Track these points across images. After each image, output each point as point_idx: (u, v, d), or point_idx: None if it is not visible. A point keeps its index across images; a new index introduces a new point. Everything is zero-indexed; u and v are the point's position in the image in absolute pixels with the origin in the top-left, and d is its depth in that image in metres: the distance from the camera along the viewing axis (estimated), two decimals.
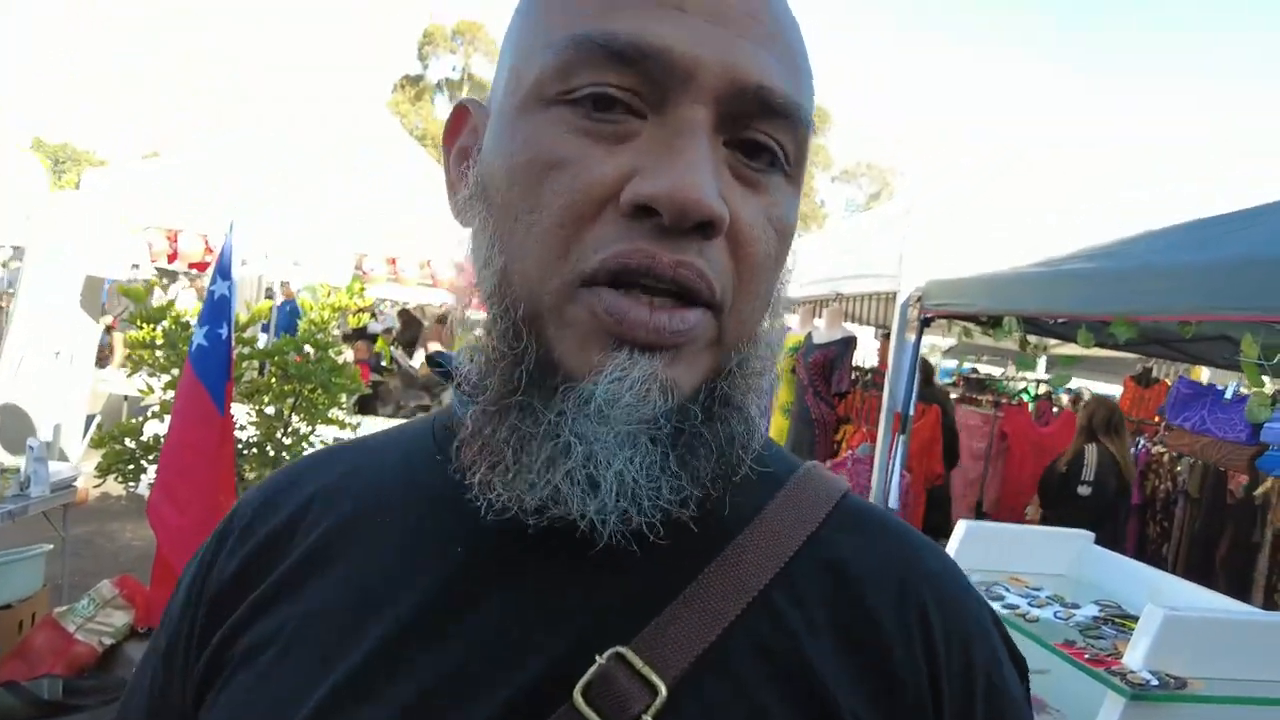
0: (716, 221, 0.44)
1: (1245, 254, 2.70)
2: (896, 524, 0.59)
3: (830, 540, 0.53)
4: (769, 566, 0.50)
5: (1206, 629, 2.09)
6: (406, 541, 0.53)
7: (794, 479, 0.56)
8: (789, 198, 0.50)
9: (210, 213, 5.88)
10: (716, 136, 0.46)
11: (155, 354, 3.60)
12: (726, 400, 0.49)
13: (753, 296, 0.48)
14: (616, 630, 0.47)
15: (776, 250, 0.49)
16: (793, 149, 0.48)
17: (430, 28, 36.55)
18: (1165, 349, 4.92)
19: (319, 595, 0.53)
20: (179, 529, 3.26)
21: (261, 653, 0.52)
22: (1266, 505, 4.90)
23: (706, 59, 0.44)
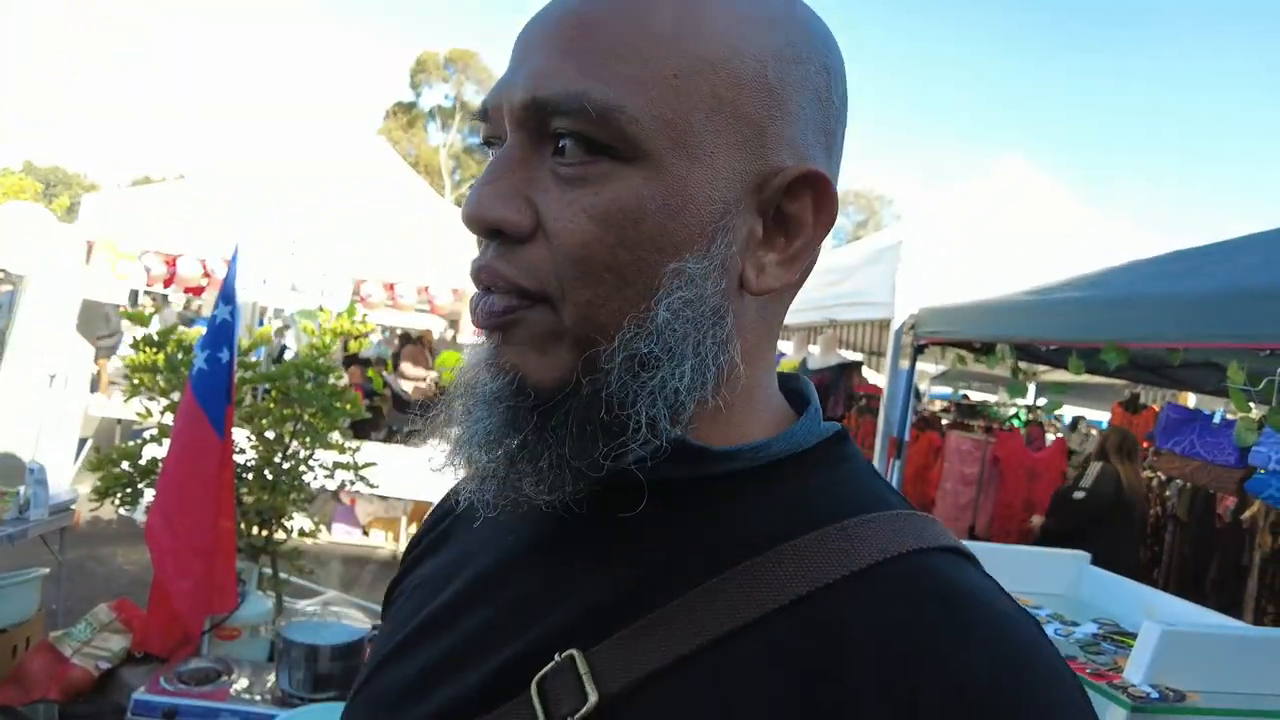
0: (493, 226, 0.50)
1: (1228, 284, 2.78)
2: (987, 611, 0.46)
3: (852, 595, 0.46)
4: (746, 609, 0.46)
5: (1203, 644, 2.14)
6: (487, 526, 0.60)
7: (849, 522, 0.49)
8: (625, 182, 0.48)
9: (209, 238, 5.92)
10: (535, 153, 0.50)
11: (156, 378, 3.61)
12: (592, 398, 0.49)
13: (585, 285, 0.48)
14: (593, 628, 0.49)
15: (600, 235, 0.48)
16: (603, 134, 0.47)
17: (423, 56, 36.87)
18: (1154, 375, 5.01)
19: (433, 564, 0.65)
20: (174, 552, 3.25)
21: (400, 599, 0.66)
22: (1254, 528, 4.96)
23: (503, 95, 0.51)
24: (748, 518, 0.51)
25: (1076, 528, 4.58)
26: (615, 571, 0.51)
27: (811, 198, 0.53)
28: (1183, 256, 3.41)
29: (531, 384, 0.50)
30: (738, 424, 0.55)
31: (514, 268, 0.50)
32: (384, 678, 0.58)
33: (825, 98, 0.54)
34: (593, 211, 0.48)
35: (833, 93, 0.54)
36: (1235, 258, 3.05)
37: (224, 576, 3.26)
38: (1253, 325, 2.54)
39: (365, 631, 3.13)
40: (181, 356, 3.61)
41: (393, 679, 0.57)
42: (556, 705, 0.47)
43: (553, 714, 0.47)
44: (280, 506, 3.69)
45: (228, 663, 3.12)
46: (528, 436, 0.50)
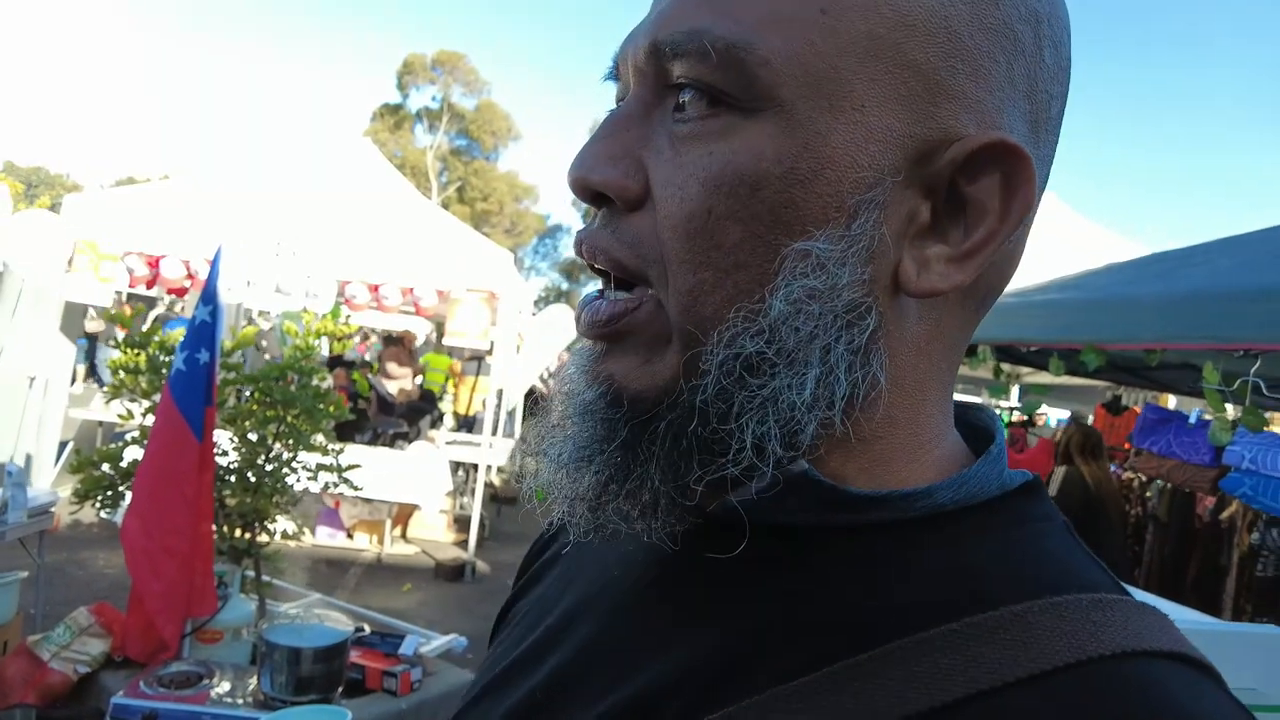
0: (597, 189, 0.43)
1: (1202, 287, 2.83)
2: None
3: (1027, 707, 0.34)
4: (894, 703, 0.35)
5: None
6: (591, 553, 0.55)
7: (1027, 607, 0.37)
8: (744, 137, 0.40)
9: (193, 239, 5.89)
10: (656, 109, 0.44)
11: (138, 379, 3.59)
12: (689, 409, 0.41)
13: (692, 266, 0.40)
14: (690, 695, 0.41)
15: (709, 204, 0.40)
16: (723, 80, 0.40)
17: (410, 57, 36.77)
18: (1133, 377, 5.07)
19: (543, 589, 0.60)
20: (147, 553, 3.23)
21: (509, 623, 0.62)
22: (1233, 527, 5.02)
23: (628, 49, 0.45)
24: (895, 585, 0.40)
25: None
26: (725, 630, 0.42)
27: (1001, 177, 0.41)
28: (1159, 259, 3.46)
29: (630, 394, 0.43)
30: (888, 463, 0.43)
31: (618, 240, 0.43)
32: (485, 707, 0.53)
33: (1032, 53, 0.42)
34: (704, 176, 0.40)
35: (1043, 48, 0.42)
36: (1210, 261, 3.10)
37: (203, 580, 3.24)
38: (1226, 327, 2.59)
39: (348, 634, 3.11)
40: (164, 358, 3.59)
41: (491, 711, 0.52)
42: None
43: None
44: (263, 509, 3.67)
45: (209, 666, 3.10)
46: (617, 452, 0.43)
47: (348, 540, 6.94)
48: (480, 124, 36.99)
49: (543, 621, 0.54)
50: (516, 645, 0.55)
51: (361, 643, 3.37)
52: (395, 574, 6.46)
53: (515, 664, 0.53)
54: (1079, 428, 5.20)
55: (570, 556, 0.59)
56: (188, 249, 5.92)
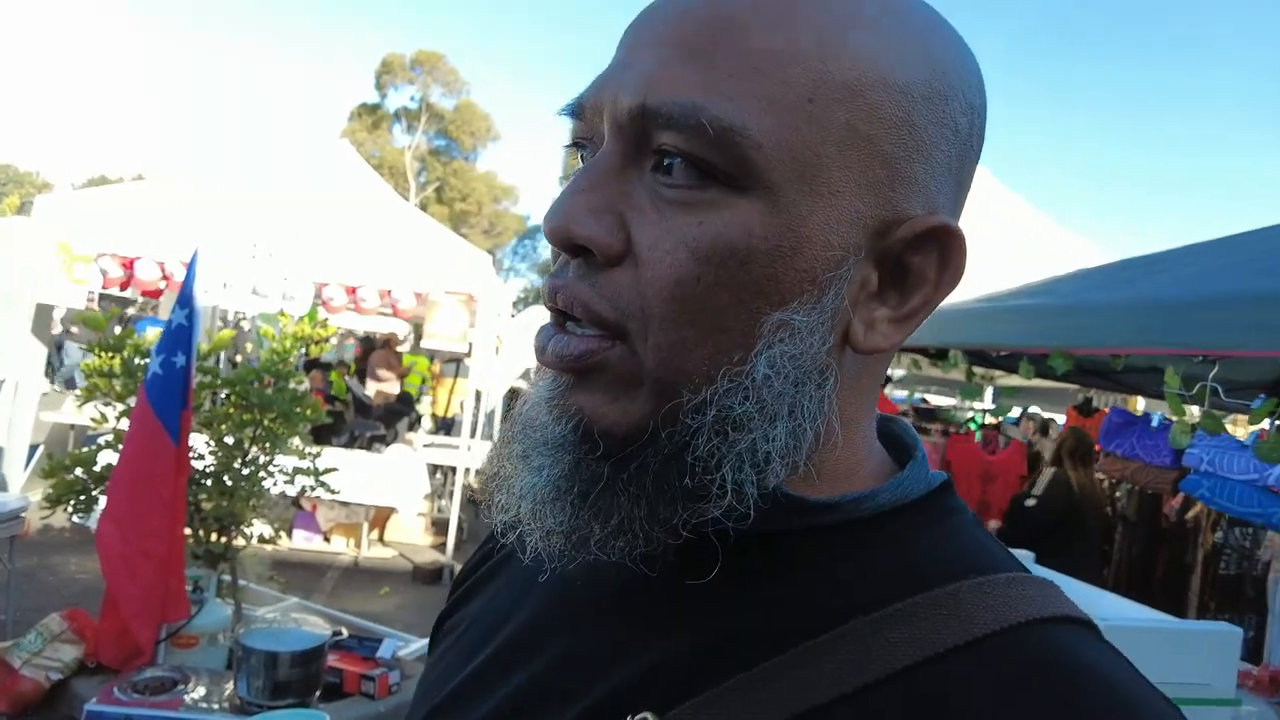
0: (580, 244, 0.44)
1: (1165, 294, 2.91)
2: (1117, 691, 0.40)
3: (960, 674, 0.40)
4: (841, 682, 0.41)
5: (1134, 638, 2.24)
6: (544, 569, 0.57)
7: (959, 586, 0.44)
8: (735, 214, 0.43)
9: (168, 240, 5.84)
10: (632, 165, 0.45)
11: (112, 383, 3.57)
12: (666, 455, 0.44)
13: (672, 324, 0.43)
14: (665, 690, 0.44)
15: (698, 273, 0.43)
16: (717, 158, 0.42)
17: (389, 57, 36.54)
18: (1101, 380, 5.17)
19: (489, 599, 0.61)
20: (124, 558, 3.21)
21: (449, 635, 0.62)
22: (1197, 528, 5.14)
23: (604, 94, 0.45)
24: (848, 576, 0.46)
25: (1030, 535, 4.67)
26: (693, 629, 0.46)
27: (939, 252, 0.46)
28: (1125, 267, 3.55)
29: (600, 431, 0.45)
30: (834, 480, 0.49)
31: (596, 294, 0.44)
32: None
33: (965, 140, 0.47)
34: (694, 244, 0.43)
35: (974, 135, 0.48)
36: (1172, 269, 3.18)
37: (177, 584, 3.23)
38: (1187, 332, 2.66)
39: (324, 638, 3.11)
40: (139, 361, 3.57)
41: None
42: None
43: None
44: (239, 513, 3.66)
45: (184, 671, 3.09)
46: (597, 492, 0.45)
47: (324, 543, 6.91)
48: (459, 124, 36.84)
49: (496, 635, 0.55)
50: (467, 660, 0.55)
51: (339, 646, 3.37)
52: (373, 577, 6.43)
53: (471, 679, 0.54)
54: (1074, 433, 5.32)
55: (515, 570, 0.59)
56: (163, 250, 5.87)
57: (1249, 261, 3.02)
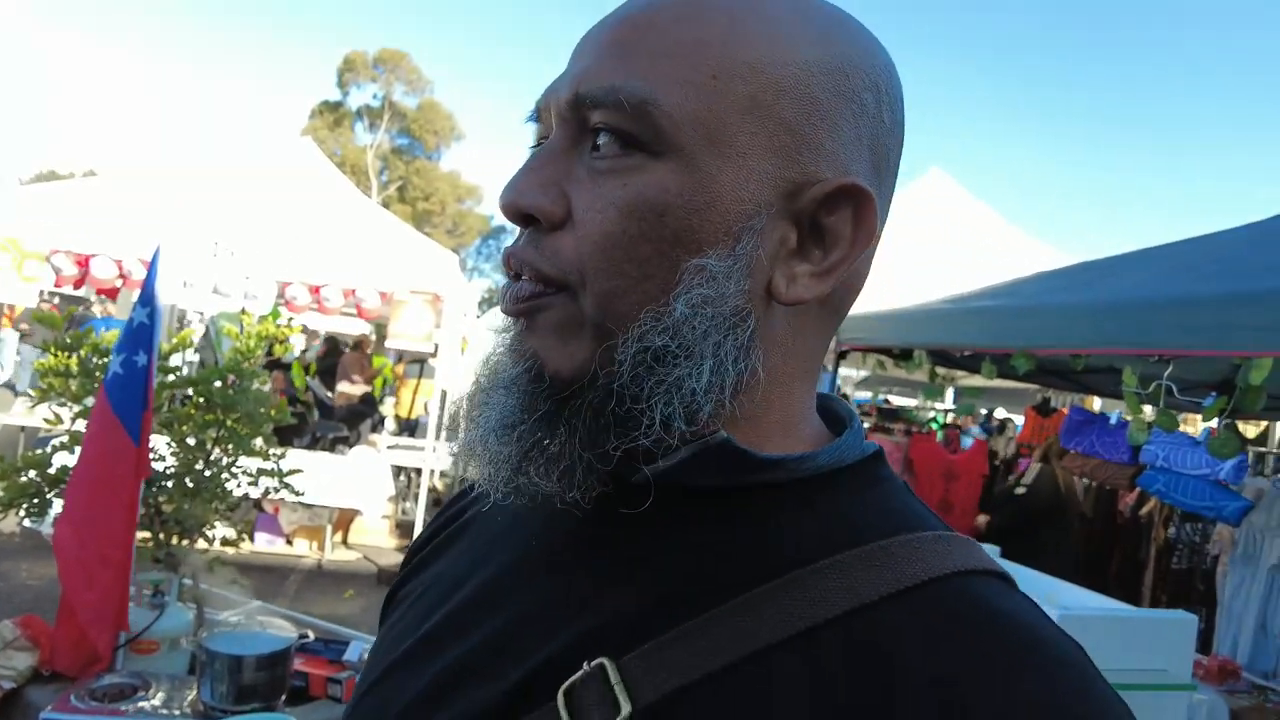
0: (525, 212, 0.51)
1: (1122, 295, 2.99)
2: (1032, 634, 0.45)
3: (891, 620, 0.44)
4: (786, 625, 0.45)
5: (1095, 626, 2.31)
6: (506, 528, 0.61)
7: (890, 541, 0.48)
8: (654, 175, 0.49)
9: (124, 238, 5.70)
10: (574, 149, 0.52)
11: (68, 382, 3.47)
12: (606, 391, 0.49)
13: (604, 275, 0.49)
14: (620, 637, 0.48)
15: (624, 227, 0.49)
16: (635, 128, 0.49)
17: (351, 55, 36.02)
18: (1061, 380, 5.30)
19: (445, 564, 0.64)
20: (81, 562, 3.13)
21: (404, 602, 0.65)
22: (1151, 524, 5.29)
23: (551, 98, 0.54)
24: (789, 529, 0.50)
25: (1018, 524, 4.88)
26: (645, 579, 0.50)
27: (851, 211, 0.51)
28: (1084, 269, 3.64)
29: (550, 371, 0.51)
30: (768, 437, 0.53)
31: (541, 255, 0.51)
32: (392, 686, 0.56)
33: (874, 114, 0.53)
34: (620, 203, 0.49)
35: (882, 110, 0.53)
36: (1129, 271, 3.27)
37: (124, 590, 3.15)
38: (1143, 333, 2.74)
39: (290, 641, 3.06)
40: (97, 361, 3.48)
41: (403, 687, 0.55)
42: (585, 716, 0.46)
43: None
44: (201, 515, 3.58)
45: (145, 678, 3.02)
46: (539, 422, 0.50)
47: (287, 546, 6.80)
48: (422, 123, 36.47)
49: (452, 596, 0.58)
50: (422, 621, 0.58)
51: (305, 649, 3.32)
52: (336, 580, 6.34)
53: (427, 639, 0.57)
54: (1056, 436, 5.61)
55: (474, 536, 0.64)
56: (120, 248, 5.73)
57: (1202, 265, 3.12)
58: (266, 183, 6.66)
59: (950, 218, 6.31)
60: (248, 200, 6.32)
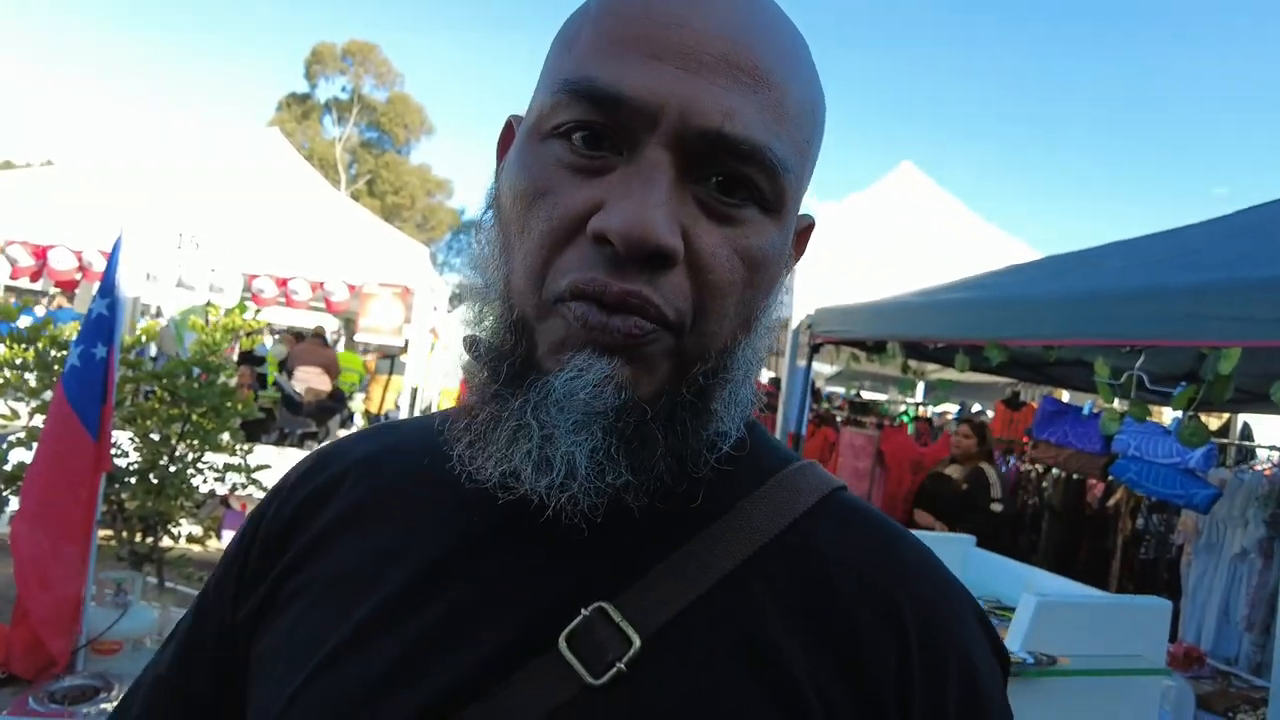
0: (665, 253, 0.49)
1: (1094, 287, 3.02)
2: (881, 520, 0.62)
3: (810, 530, 0.58)
4: (741, 549, 0.55)
5: (1072, 612, 2.34)
6: (421, 512, 0.60)
7: (783, 474, 0.61)
8: (766, 231, 0.53)
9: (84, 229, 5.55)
10: (683, 174, 0.50)
11: (25, 376, 3.37)
12: (690, 407, 0.53)
13: (717, 318, 0.52)
14: (601, 588, 0.53)
15: (744, 277, 0.52)
16: (766, 186, 0.52)
17: (319, 47, 35.48)
18: (1032, 372, 5.36)
19: (346, 554, 0.61)
20: (35, 561, 3.04)
21: (299, 600, 0.60)
22: (1118, 515, 5.38)
23: (669, 105, 0.49)
24: (723, 475, 0.57)
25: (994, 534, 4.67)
26: (606, 545, 0.55)
27: (798, 239, 0.61)
28: (1056, 261, 3.68)
29: (639, 396, 0.51)
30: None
31: (661, 296, 0.50)
32: (337, 676, 0.54)
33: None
34: (743, 253, 0.52)
35: None
36: (1100, 263, 3.31)
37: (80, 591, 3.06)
38: (1115, 324, 2.77)
39: None
40: (55, 354, 3.38)
41: (355, 674, 0.53)
42: (597, 654, 0.50)
43: (593, 664, 0.50)
44: (167, 512, 3.50)
45: (107, 679, 2.94)
46: (621, 440, 0.51)
47: None
48: (392, 116, 36.05)
49: (384, 581, 0.57)
50: (345, 615, 0.56)
51: None
52: None
53: (370, 623, 0.55)
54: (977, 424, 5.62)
55: (371, 523, 0.61)
56: (79, 239, 5.57)
57: (1171, 258, 3.16)
58: (233, 175, 6.53)
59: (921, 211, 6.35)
60: (213, 192, 6.19)
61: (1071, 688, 2.24)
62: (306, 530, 0.64)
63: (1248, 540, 4.24)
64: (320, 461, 0.69)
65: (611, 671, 0.50)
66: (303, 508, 0.65)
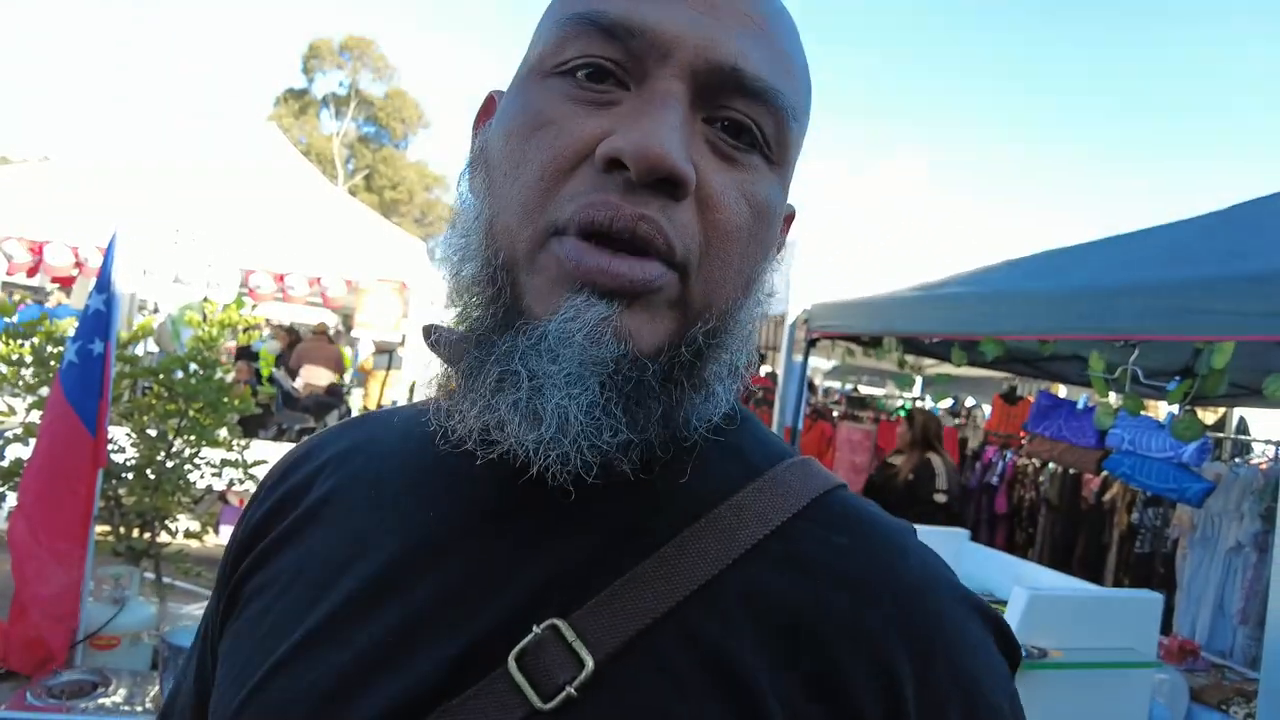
0: (680, 178, 0.46)
1: (1089, 282, 3.03)
2: (885, 526, 0.56)
3: (800, 535, 0.53)
4: (720, 557, 0.50)
5: (1064, 605, 2.36)
6: (395, 499, 0.58)
7: (776, 470, 0.56)
8: (768, 179, 0.52)
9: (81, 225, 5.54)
10: (693, 110, 0.49)
11: (21, 372, 3.37)
12: (688, 368, 0.50)
13: (722, 264, 0.50)
14: (563, 597, 0.49)
15: (750, 223, 0.51)
16: (772, 131, 0.51)
17: (317, 42, 35.39)
18: (1027, 367, 5.37)
19: (315, 544, 0.58)
20: (33, 557, 3.04)
21: (266, 592, 0.58)
22: (1114, 509, 5.39)
23: (685, 38, 0.48)
24: (700, 470, 0.54)
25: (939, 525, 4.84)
26: (577, 539, 0.51)
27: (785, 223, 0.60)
28: (1051, 256, 3.68)
29: (639, 349, 0.48)
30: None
31: (671, 225, 0.48)
32: (289, 678, 0.52)
33: None
34: (750, 198, 0.51)
35: None
36: (1095, 258, 3.31)
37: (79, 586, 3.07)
38: (1109, 319, 2.78)
39: None
40: (52, 349, 3.38)
41: (309, 677, 0.51)
42: (546, 676, 0.46)
43: (543, 686, 0.46)
44: (164, 507, 3.50)
45: (105, 674, 2.95)
46: (621, 396, 0.48)
47: None
48: (389, 111, 35.96)
49: (340, 580, 0.54)
50: (308, 609, 0.54)
51: None
52: None
53: (328, 623, 0.52)
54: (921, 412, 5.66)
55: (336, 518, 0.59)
56: (76, 235, 5.57)
57: (1166, 252, 3.16)
58: (230, 170, 6.52)
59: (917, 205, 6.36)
60: (210, 187, 6.18)
61: (1063, 681, 2.26)
62: (277, 526, 0.61)
63: (1243, 534, 4.25)
64: (299, 459, 0.67)
65: (561, 696, 0.46)
66: (278, 505, 0.63)
